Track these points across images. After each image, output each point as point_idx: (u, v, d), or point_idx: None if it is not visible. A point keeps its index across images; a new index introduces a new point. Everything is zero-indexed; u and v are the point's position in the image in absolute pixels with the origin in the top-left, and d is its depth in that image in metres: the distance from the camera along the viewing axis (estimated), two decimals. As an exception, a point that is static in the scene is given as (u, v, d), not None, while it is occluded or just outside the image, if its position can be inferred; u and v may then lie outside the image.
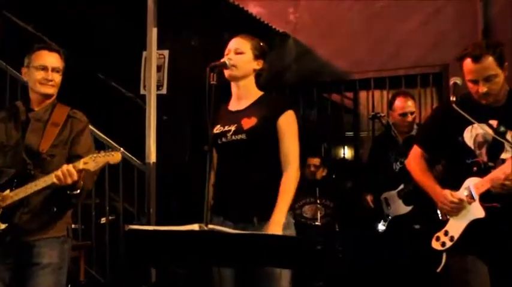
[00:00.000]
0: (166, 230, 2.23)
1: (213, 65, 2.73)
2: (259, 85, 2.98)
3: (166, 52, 5.80)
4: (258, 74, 2.96)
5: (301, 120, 6.47)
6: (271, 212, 2.75)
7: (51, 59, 3.02)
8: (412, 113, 4.47)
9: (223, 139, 2.85)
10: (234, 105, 2.96)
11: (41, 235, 2.91)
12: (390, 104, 4.62)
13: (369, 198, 4.80)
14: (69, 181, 2.75)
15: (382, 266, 4.75)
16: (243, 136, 2.81)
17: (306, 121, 6.68)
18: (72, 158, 2.93)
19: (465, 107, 2.80)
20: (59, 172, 2.75)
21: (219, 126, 2.89)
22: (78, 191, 2.87)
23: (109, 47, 6.01)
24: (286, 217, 2.79)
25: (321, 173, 5.54)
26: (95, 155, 2.78)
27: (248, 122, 2.83)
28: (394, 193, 4.49)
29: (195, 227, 2.26)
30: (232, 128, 2.85)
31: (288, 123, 2.84)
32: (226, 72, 2.87)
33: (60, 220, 2.99)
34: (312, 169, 5.46)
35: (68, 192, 2.84)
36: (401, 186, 4.41)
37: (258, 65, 2.93)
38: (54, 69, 3.00)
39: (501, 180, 2.71)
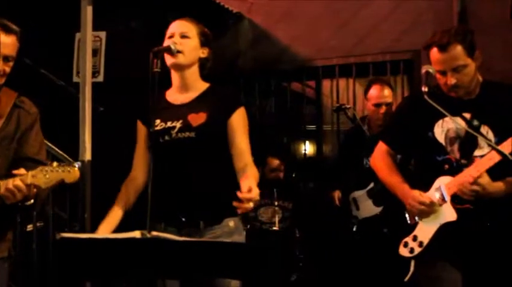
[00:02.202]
0: (103, 238, 2.24)
1: (157, 50, 2.75)
2: (203, 77, 3.01)
3: (103, 34, 5.76)
4: (203, 64, 2.99)
5: (257, 112, 6.58)
6: (219, 215, 2.85)
7: (6, 45, 2.77)
8: (387, 104, 4.54)
9: (167, 137, 2.87)
10: (176, 98, 2.98)
11: None
12: (365, 92, 4.69)
13: (336, 195, 4.86)
14: (19, 197, 2.60)
15: (347, 275, 4.84)
16: (192, 134, 2.84)
17: (263, 113, 6.73)
18: (19, 161, 2.75)
19: (437, 98, 2.88)
20: (7, 193, 2.59)
21: (159, 121, 2.90)
22: (32, 201, 2.69)
23: (37, 28, 5.93)
24: (235, 222, 2.89)
25: (281, 174, 5.60)
26: (46, 169, 2.59)
27: (196, 119, 2.86)
28: (363, 192, 4.57)
29: (136, 234, 2.26)
30: (178, 124, 2.87)
31: (240, 122, 2.92)
32: (170, 60, 2.88)
33: (2, 241, 2.85)
34: (271, 171, 5.52)
35: (19, 204, 2.67)
36: (371, 185, 4.49)
37: (203, 53, 2.97)
38: (6, 58, 2.79)
39: (469, 185, 2.80)
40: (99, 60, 5.77)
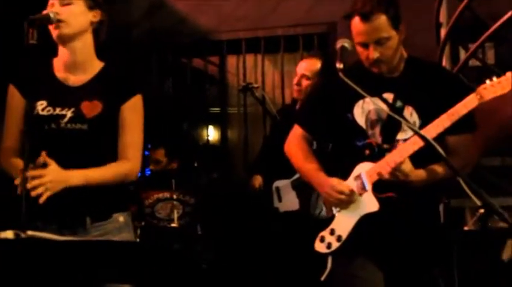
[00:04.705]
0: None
1: (32, 19, 2.65)
2: (99, 44, 2.95)
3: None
4: (96, 29, 2.92)
5: (153, 92, 6.51)
6: (108, 210, 2.85)
7: None
8: (308, 78, 4.49)
9: (53, 125, 2.81)
10: (66, 77, 2.91)
11: None
12: None
13: (257, 180, 4.86)
14: None
15: (258, 275, 4.86)
16: (84, 127, 2.81)
17: (160, 94, 6.67)
18: None
19: (355, 76, 2.89)
20: None
21: (45, 104, 2.83)
22: None
23: None
24: (125, 217, 2.90)
25: (171, 167, 5.57)
26: None
27: (91, 108, 2.83)
28: (287, 182, 4.59)
29: (9, 234, 2.20)
30: (69, 113, 2.82)
31: (131, 113, 2.91)
32: (54, 32, 2.81)
33: None
34: (155, 165, 5.50)
35: None
36: (297, 174, 4.49)
37: (94, 16, 2.90)
38: None
39: (390, 169, 2.83)
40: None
